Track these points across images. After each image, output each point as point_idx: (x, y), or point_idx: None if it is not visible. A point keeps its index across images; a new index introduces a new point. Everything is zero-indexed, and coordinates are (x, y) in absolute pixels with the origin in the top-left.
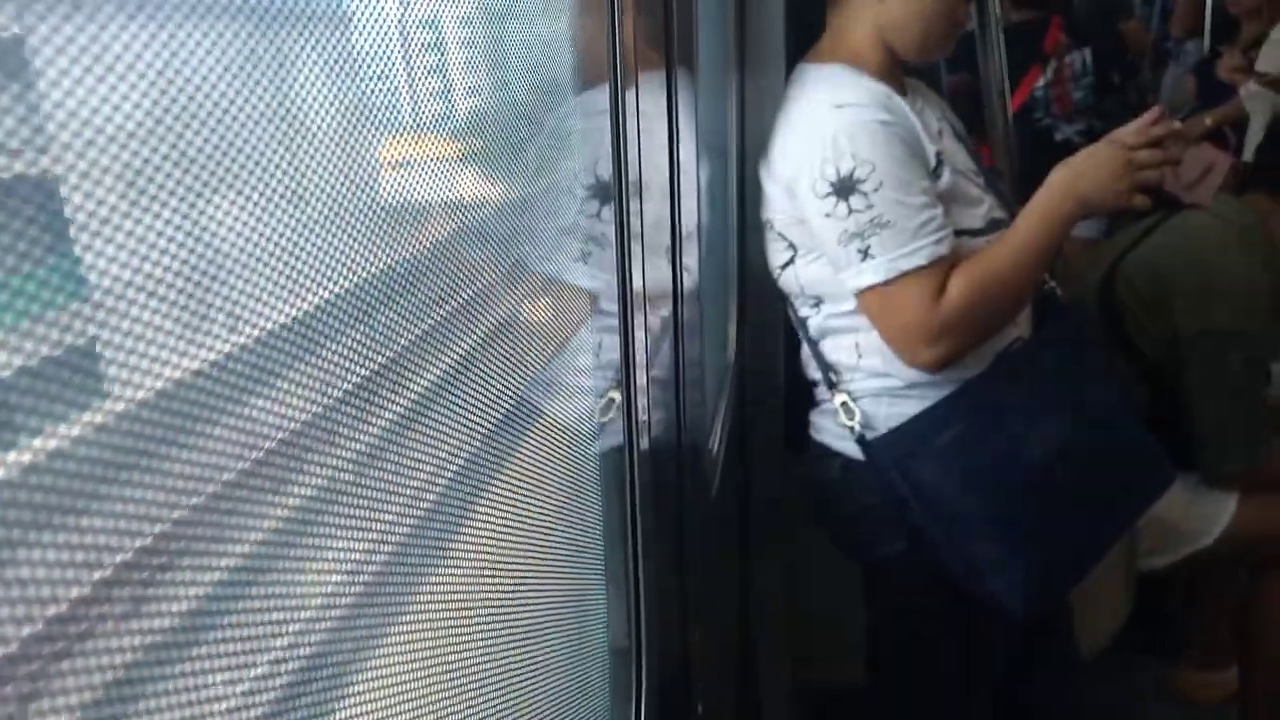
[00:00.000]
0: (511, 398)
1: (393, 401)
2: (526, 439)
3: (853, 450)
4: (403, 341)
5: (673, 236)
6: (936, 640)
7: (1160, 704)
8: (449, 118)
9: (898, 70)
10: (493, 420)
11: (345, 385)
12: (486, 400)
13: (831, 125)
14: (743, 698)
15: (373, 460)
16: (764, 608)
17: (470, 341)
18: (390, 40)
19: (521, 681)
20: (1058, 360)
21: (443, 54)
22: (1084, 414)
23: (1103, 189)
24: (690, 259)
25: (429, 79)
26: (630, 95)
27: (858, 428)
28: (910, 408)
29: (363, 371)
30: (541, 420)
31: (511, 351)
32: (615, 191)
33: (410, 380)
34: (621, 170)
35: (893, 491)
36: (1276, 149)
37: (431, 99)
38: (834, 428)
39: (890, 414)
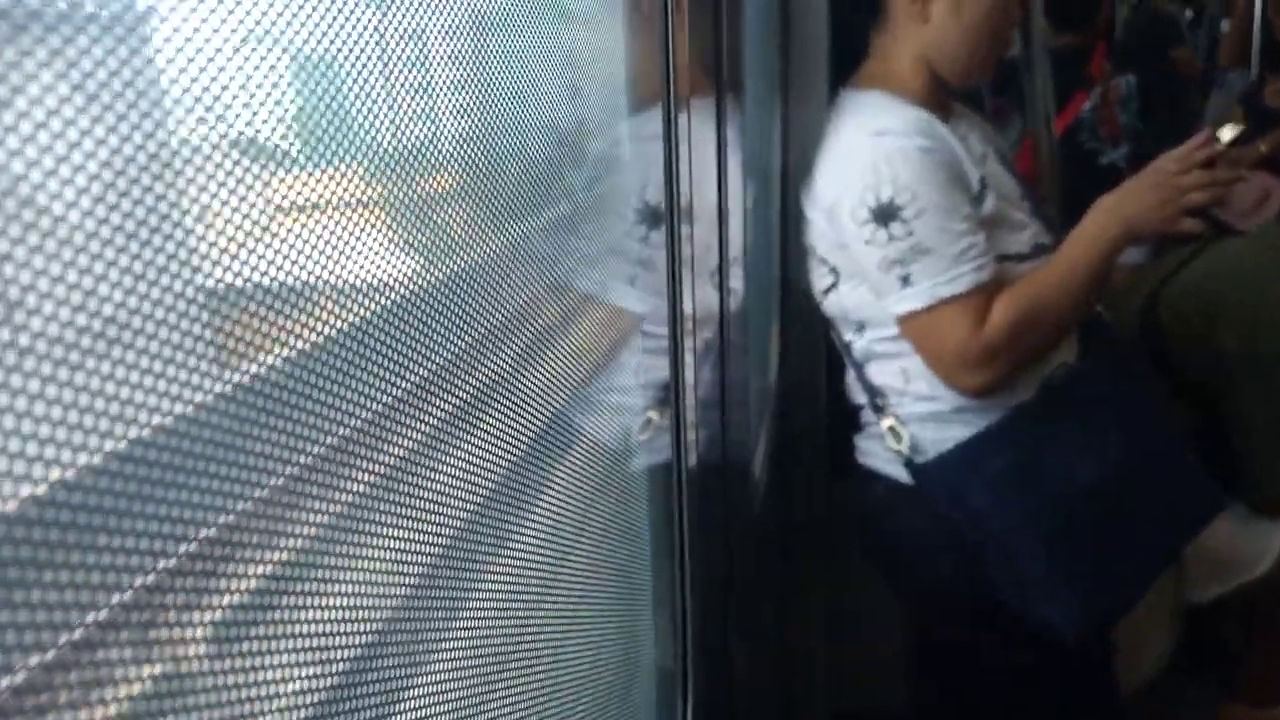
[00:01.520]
0: (560, 419)
1: (440, 421)
2: (574, 459)
3: (900, 474)
4: (450, 362)
5: (720, 260)
6: (979, 668)
7: None
8: (492, 140)
9: (941, 95)
10: (540, 441)
11: (393, 402)
12: (533, 421)
13: (871, 152)
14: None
15: (419, 478)
16: (804, 630)
17: (516, 363)
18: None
19: (568, 699)
20: (1105, 385)
21: (489, 76)
22: (1132, 439)
23: (1149, 213)
24: (736, 282)
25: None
26: (684, 120)
27: (906, 451)
28: (958, 432)
29: (411, 389)
30: (589, 441)
31: (558, 373)
32: (668, 215)
33: (458, 401)
34: (674, 194)
35: (942, 516)
36: None
37: (473, 121)
38: (881, 452)
39: (938, 439)
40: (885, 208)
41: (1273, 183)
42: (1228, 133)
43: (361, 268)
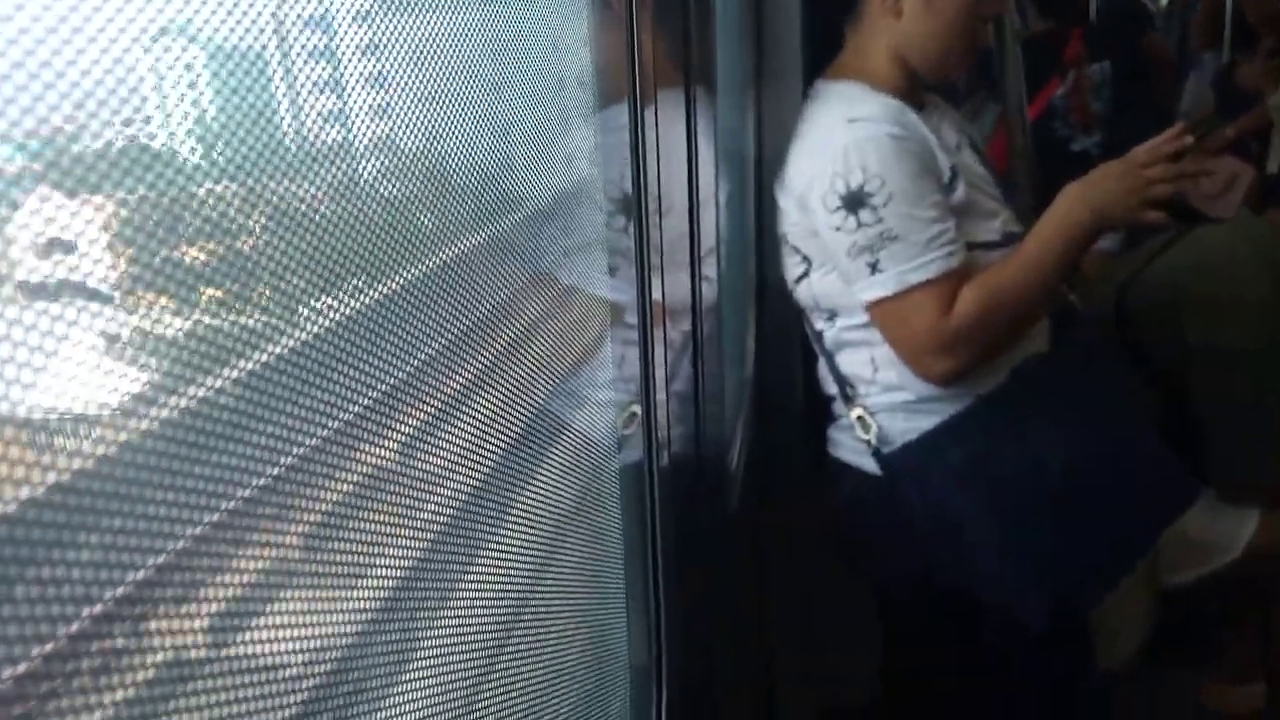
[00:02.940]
0: (533, 413)
1: (414, 418)
2: (547, 453)
3: (870, 466)
4: (424, 357)
5: (691, 251)
6: (954, 658)
7: (1186, 717)
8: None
9: (915, 87)
10: (514, 436)
11: (365, 401)
12: (506, 419)
13: (843, 139)
14: (762, 716)
15: (392, 477)
16: (783, 625)
17: (491, 357)
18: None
19: (541, 698)
20: (1075, 374)
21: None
22: (1103, 429)
23: (1116, 203)
24: (710, 273)
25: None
26: (649, 112)
27: (874, 441)
28: (926, 422)
29: (383, 387)
30: (563, 435)
31: (533, 366)
32: (635, 207)
33: (432, 397)
34: (641, 186)
35: (908, 506)
36: None
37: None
38: (851, 443)
39: (906, 429)
40: (855, 194)
41: (1240, 166)
42: (1202, 125)
43: (308, 278)
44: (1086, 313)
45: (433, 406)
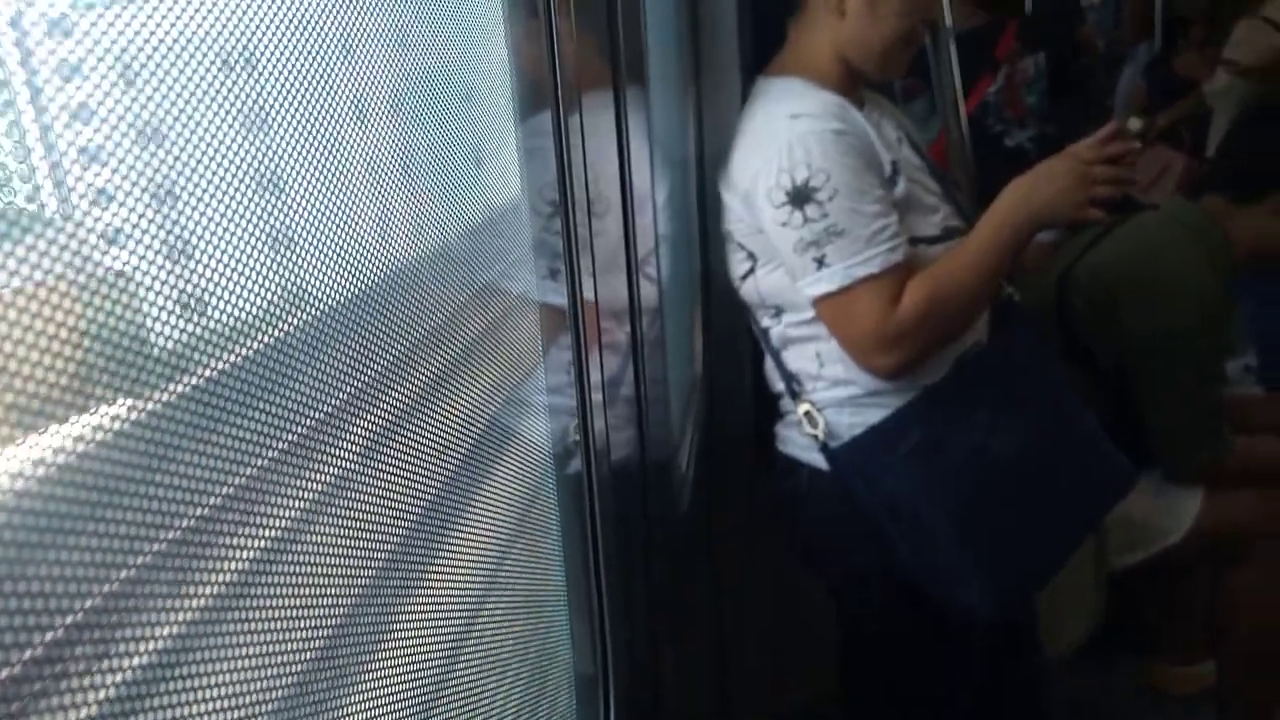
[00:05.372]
0: (471, 431)
1: (348, 430)
2: (487, 470)
3: (818, 461)
4: (357, 369)
5: (628, 252)
6: (907, 652)
7: (1137, 700)
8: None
9: (855, 84)
10: (452, 456)
11: (301, 415)
12: (443, 437)
13: (787, 135)
14: (719, 717)
15: (327, 491)
16: (740, 625)
17: (426, 367)
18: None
19: (483, 712)
20: (1017, 364)
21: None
22: (1044, 417)
23: (1059, 200)
24: (651, 273)
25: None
26: (574, 116)
27: (821, 436)
28: (873, 416)
29: (320, 401)
30: (504, 448)
31: (471, 374)
32: (563, 210)
33: (366, 408)
34: (568, 188)
35: (858, 501)
36: (1234, 151)
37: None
38: (799, 439)
39: (853, 423)
40: (800, 190)
41: (1172, 155)
42: (1135, 124)
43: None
44: (1026, 303)
45: (366, 428)
